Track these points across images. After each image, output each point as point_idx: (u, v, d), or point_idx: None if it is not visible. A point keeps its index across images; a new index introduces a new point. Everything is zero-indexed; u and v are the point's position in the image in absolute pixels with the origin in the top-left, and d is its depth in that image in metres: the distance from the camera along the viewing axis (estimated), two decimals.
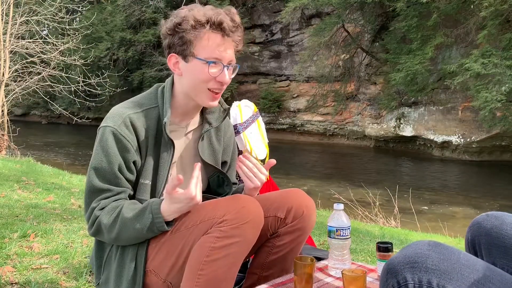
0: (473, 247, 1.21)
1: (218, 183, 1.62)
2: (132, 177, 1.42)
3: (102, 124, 1.42)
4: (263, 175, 1.48)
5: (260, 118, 2.36)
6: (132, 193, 1.43)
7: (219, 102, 1.56)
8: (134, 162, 1.41)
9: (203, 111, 1.57)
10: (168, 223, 1.34)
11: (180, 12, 1.40)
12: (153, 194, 1.45)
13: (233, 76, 1.46)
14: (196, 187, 1.30)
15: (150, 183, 1.44)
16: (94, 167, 1.38)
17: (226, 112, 1.60)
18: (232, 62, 1.43)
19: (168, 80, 1.51)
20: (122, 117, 1.40)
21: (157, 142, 1.44)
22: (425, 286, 0.85)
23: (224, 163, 1.67)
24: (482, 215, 1.24)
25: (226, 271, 1.27)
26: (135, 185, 1.44)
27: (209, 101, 1.44)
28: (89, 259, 1.61)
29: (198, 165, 1.33)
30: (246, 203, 1.31)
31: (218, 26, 1.36)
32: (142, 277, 1.38)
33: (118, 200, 1.39)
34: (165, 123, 1.40)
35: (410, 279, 0.86)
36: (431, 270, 0.85)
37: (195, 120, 1.56)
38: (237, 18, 1.41)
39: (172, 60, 1.43)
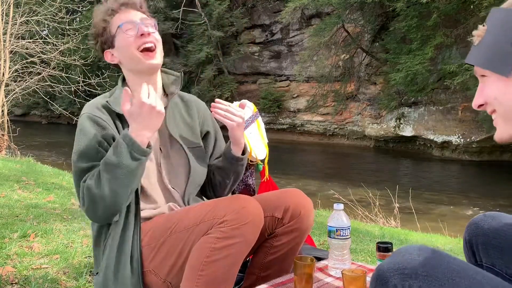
0: (471, 247, 1.21)
1: (197, 156, 1.62)
2: None
3: (79, 116, 1.50)
4: (239, 113, 1.54)
5: (259, 118, 2.36)
6: None
7: (167, 73, 1.64)
8: (113, 138, 1.45)
9: (165, 90, 1.62)
10: (147, 146, 1.37)
11: (93, 21, 1.56)
12: None
13: (156, 31, 1.52)
14: (146, 94, 1.33)
15: None
16: (76, 151, 1.43)
17: (181, 78, 1.65)
18: (146, 21, 1.50)
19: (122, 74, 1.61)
20: (95, 103, 1.50)
21: (120, 118, 1.50)
22: None
23: (207, 133, 1.70)
24: (479, 215, 1.24)
25: (226, 271, 1.28)
26: None
27: (147, 60, 1.49)
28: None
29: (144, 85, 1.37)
30: (246, 204, 1.31)
31: (119, 6, 1.49)
32: (139, 253, 1.39)
33: None
34: (107, 101, 1.48)
35: (400, 286, 0.84)
36: (422, 277, 0.83)
37: (162, 100, 1.59)
38: None
39: (108, 56, 1.54)
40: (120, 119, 1.49)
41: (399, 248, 0.92)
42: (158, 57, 1.51)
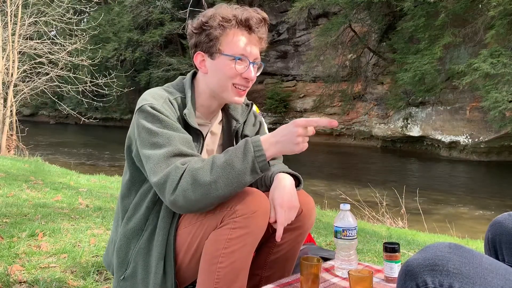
0: (493, 246, 1.19)
1: None
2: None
3: (141, 103, 1.35)
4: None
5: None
6: None
7: None
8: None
9: (225, 108, 1.58)
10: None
11: (207, 12, 1.41)
12: None
13: (258, 74, 1.47)
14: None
15: None
16: (165, 136, 1.29)
17: (250, 107, 1.61)
18: (258, 60, 1.44)
19: (188, 75, 1.51)
20: (163, 97, 1.39)
21: (186, 130, 1.42)
22: None
23: None
24: (503, 214, 1.22)
25: (243, 261, 1.29)
26: None
27: (236, 97, 1.44)
28: (105, 258, 1.57)
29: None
30: (251, 193, 1.31)
31: (244, 23, 1.38)
32: (173, 267, 1.35)
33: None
34: (185, 114, 1.38)
35: (430, 283, 0.82)
36: (453, 274, 0.81)
37: (218, 117, 1.57)
38: (264, 14, 1.43)
39: (198, 58, 1.43)
40: (180, 123, 1.39)
41: (428, 245, 0.90)
42: (245, 96, 1.48)
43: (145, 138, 1.31)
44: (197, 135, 1.43)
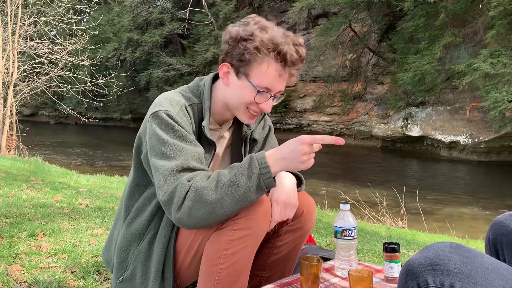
0: (494, 246, 1.19)
1: None
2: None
3: (157, 108, 1.34)
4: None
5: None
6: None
7: None
8: None
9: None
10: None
11: (249, 26, 1.35)
12: None
13: (276, 103, 1.45)
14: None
15: None
16: (175, 147, 1.28)
17: (263, 115, 1.60)
18: (280, 93, 1.42)
19: (208, 80, 1.48)
20: (179, 104, 1.37)
21: (199, 139, 1.41)
22: None
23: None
24: (504, 214, 1.22)
25: (245, 262, 1.29)
26: None
27: (247, 119, 1.44)
28: (104, 255, 1.57)
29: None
30: None
31: (282, 57, 1.33)
32: (171, 271, 1.35)
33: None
34: (203, 126, 1.38)
35: (431, 282, 0.82)
36: (454, 273, 0.81)
37: (229, 123, 1.57)
38: (302, 51, 1.37)
39: (224, 69, 1.40)
40: (194, 131, 1.38)
41: (430, 244, 0.90)
42: (255, 118, 1.47)
43: (156, 146, 1.29)
44: (210, 145, 1.42)
